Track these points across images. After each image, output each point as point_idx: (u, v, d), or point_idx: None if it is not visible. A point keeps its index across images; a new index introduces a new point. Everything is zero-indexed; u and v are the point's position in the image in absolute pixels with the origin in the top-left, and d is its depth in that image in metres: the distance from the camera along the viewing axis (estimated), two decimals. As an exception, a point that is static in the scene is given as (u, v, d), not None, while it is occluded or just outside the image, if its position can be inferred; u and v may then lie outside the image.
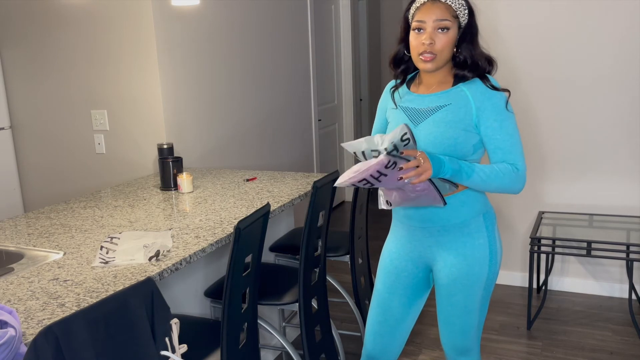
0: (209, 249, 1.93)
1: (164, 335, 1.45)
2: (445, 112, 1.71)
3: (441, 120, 1.71)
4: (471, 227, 1.77)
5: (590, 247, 2.91)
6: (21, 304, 1.52)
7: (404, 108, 1.81)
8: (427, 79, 1.79)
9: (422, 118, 1.74)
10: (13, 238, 2.10)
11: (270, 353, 2.81)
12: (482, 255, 1.78)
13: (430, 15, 1.67)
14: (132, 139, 3.20)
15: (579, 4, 3.16)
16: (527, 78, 3.33)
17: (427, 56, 1.68)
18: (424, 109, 1.75)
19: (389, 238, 1.96)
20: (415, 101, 1.79)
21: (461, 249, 1.77)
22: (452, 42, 1.69)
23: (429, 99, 1.76)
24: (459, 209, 1.75)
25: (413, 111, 1.77)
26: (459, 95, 1.72)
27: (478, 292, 1.80)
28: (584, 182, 3.33)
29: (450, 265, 1.79)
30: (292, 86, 4.46)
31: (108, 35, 3.11)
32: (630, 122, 3.18)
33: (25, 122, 3.49)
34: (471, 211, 1.76)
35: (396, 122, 1.79)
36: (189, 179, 2.68)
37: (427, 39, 1.67)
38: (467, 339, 1.87)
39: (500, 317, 3.20)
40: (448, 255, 1.79)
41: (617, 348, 2.83)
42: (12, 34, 3.37)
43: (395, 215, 1.90)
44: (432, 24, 1.67)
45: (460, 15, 1.69)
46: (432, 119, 1.72)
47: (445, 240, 1.79)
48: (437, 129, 1.70)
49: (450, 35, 1.68)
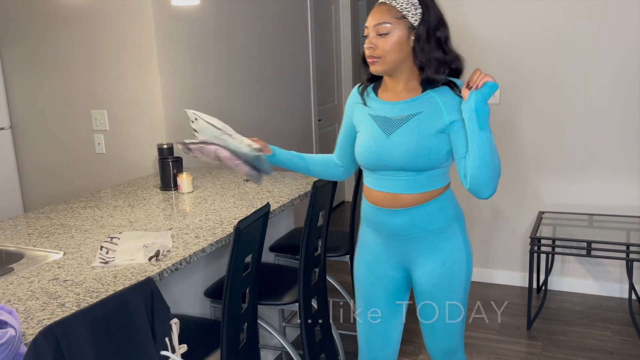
0: (209, 249, 1.93)
1: (164, 335, 1.45)
2: (418, 121, 1.69)
3: (414, 129, 1.68)
4: (448, 232, 1.77)
5: (590, 247, 2.91)
6: (21, 304, 1.52)
7: (374, 116, 1.77)
8: (391, 83, 1.77)
9: (394, 127, 1.72)
10: (13, 238, 2.10)
11: (270, 353, 2.81)
12: (460, 257, 1.79)
13: (372, 21, 1.68)
14: (132, 139, 3.20)
15: (579, 4, 3.16)
16: (527, 78, 3.33)
17: (371, 59, 1.69)
18: (395, 118, 1.72)
19: (360, 248, 1.92)
20: (384, 109, 1.76)
21: (440, 254, 1.77)
22: (397, 44, 1.65)
23: (399, 107, 1.73)
24: (436, 215, 1.75)
25: (384, 120, 1.74)
26: (429, 102, 1.70)
27: (460, 293, 1.82)
28: (584, 182, 3.33)
29: (430, 270, 1.78)
30: (292, 86, 4.46)
31: (108, 35, 3.11)
32: (630, 122, 3.18)
33: (25, 122, 3.49)
34: (447, 216, 1.77)
35: (368, 130, 1.76)
36: (189, 179, 2.68)
37: (367, 43, 1.69)
38: (453, 341, 1.87)
39: (500, 317, 3.20)
40: (427, 260, 1.78)
41: (617, 348, 2.83)
42: (12, 34, 3.37)
43: (368, 224, 1.87)
44: (372, 29, 1.67)
45: (409, 14, 1.64)
46: (405, 129, 1.69)
47: (423, 246, 1.78)
48: (410, 138, 1.68)
49: (392, 38, 1.65)
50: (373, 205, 1.81)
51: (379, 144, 1.72)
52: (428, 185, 1.73)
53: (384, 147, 1.72)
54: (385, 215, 1.78)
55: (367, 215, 1.86)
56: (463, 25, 3.39)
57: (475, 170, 1.64)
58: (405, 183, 1.72)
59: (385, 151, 1.71)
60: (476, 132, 1.60)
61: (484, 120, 1.60)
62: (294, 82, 4.49)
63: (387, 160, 1.72)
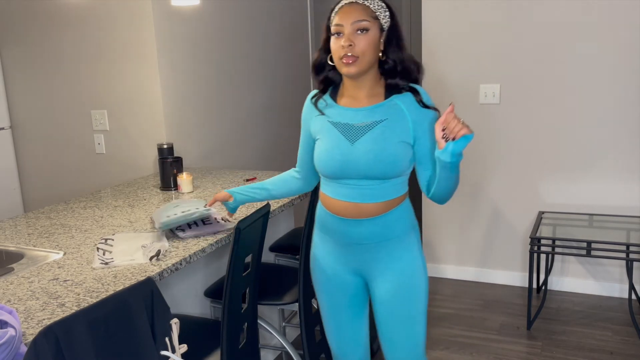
0: (209, 249, 1.93)
1: (164, 335, 1.45)
2: (383, 128, 1.65)
3: (379, 136, 1.64)
4: (406, 241, 1.74)
5: (590, 247, 2.90)
6: (21, 304, 1.52)
7: (334, 123, 1.71)
8: (354, 89, 1.71)
9: (359, 135, 1.66)
10: (13, 238, 2.10)
11: (270, 353, 2.81)
12: (418, 266, 1.76)
13: (348, 18, 1.61)
14: (132, 139, 3.20)
15: (579, 4, 3.16)
16: (527, 78, 3.33)
17: (348, 58, 1.61)
18: (359, 125, 1.67)
19: (316, 255, 1.87)
20: (346, 115, 1.70)
21: (398, 263, 1.74)
22: (373, 43, 1.62)
23: (363, 113, 1.68)
24: (395, 224, 1.72)
25: (346, 127, 1.69)
26: (394, 109, 1.67)
27: (421, 302, 1.77)
28: (584, 182, 3.33)
29: (389, 280, 1.75)
30: (292, 86, 4.46)
31: (108, 35, 3.11)
32: (631, 122, 3.18)
33: (25, 122, 3.49)
34: (405, 225, 1.75)
35: (330, 138, 1.71)
36: (188, 179, 2.68)
37: (346, 41, 1.60)
38: (417, 353, 1.81)
39: (500, 317, 3.20)
40: (386, 269, 1.75)
41: (617, 348, 2.83)
42: (12, 34, 3.37)
43: (325, 232, 1.81)
44: (350, 26, 1.61)
45: (381, 16, 1.63)
46: (370, 136, 1.65)
47: (381, 255, 1.74)
48: (376, 145, 1.64)
49: (370, 36, 1.61)
50: (333, 214, 1.76)
51: (343, 151, 1.67)
52: (391, 193, 1.70)
53: (348, 154, 1.66)
54: (346, 224, 1.73)
55: (325, 223, 1.80)
56: (463, 25, 3.39)
57: (441, 193, 1.68)
58: (368, 192, 1.68)
59: (350, 159, 1.66)
60: (447, 177, 1.61)
61: (456, 169, 1.59)
62: (294, 82, 4.49)
63: (351, 169, 1.67)
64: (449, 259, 3.74)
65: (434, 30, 3.47)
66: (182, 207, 2.05)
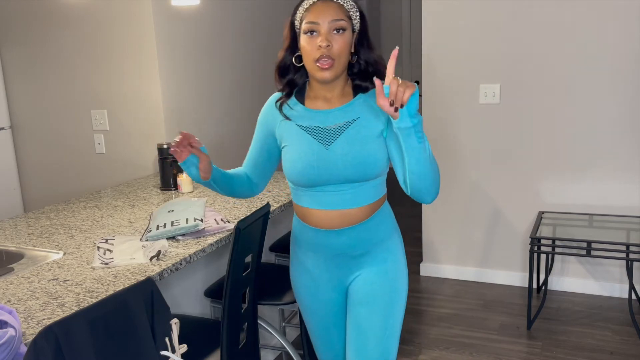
0: (209, 249, 1.93)
1: (164, 335, 1.45)
2: (358, 127, 1.57)
3: (355, 136, 1.56)
4: (388, 242, 1.68)
5: (590, 247, 2.90)
6: (21, 304, 1.52)
7: (305, 127, 1.60)
8: (325, 91, 1.61)
9: (333, 137, 1.57)
10: (13, 238, 2.10)
11: (270, 353, 2.81)
12: (401, 269, 1.70)
13: (325, 16, 1.50)
14: (132, 139, 3.20)
15: (580, 4, 3.16)
16: (527, 78, 3.33)
17: (325, 62, 1.50)
18: (332, 127, 1.58)
19: (297, 271, 1.78)
20: (316, 118, 1.60)
21: (382, 265, 1.66)
22: (349, 45, 1.54)
23: (334, 114, 1.59)
24: (379, 227, 1.66)
25: (318, 130, 1.59)
26: (365, 106, 1.59)
27: (401, 307, 1.69)
28: (584, 182, 3.33)
29: (371, 282, 1.66)
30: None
31: (108, 35, 3.11)
32: (630, 121, 3.18)
33: (25, 122, 3.49)
34: (388, 228, 1.69)
35: (301, 143, 1.59)
36: (188, 179, 2.68)
37: (323, 40, 1.48)
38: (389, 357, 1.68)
39: (500, 317, 3.20)
40: (369, 272, 1.66)
41: (617, 348, 2.83)
42: (13, 34, 3.37)
43: (307, 247, 1.71)
44: (327, 25, 1.50)
45: (353, 17, 1.55)
46: (345, 137, 1.56)
47: (365, 260, 1.67)
48: (353, 146, 1.55)
49: (346, 37, 1.52)
50: (314, 227, 1.66)
51: (319, 156, 1.57)
52: (373, 195, 1.62)
53: (324, 159, 1.56)
54: (330, 236, 1.64)
55: (305, 239, 1.71)
56: (463, 25, 3.39)
57: (416, 181, 1.49)
58: (350, 196, 1.59)
59: (327, 164, 1.56)
60: (415, 147, 1.43)
61: (420, 132, 1.43)
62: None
63: (330, 174, 1.57)
64: (449, 259, 3.74)
65: (434, 30, 3.47)
66: (175, 214, 2.03)
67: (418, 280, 3.73)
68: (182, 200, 2.26)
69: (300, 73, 1.65)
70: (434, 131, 3.52)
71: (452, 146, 3.54)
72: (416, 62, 5.58)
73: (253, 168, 1.76)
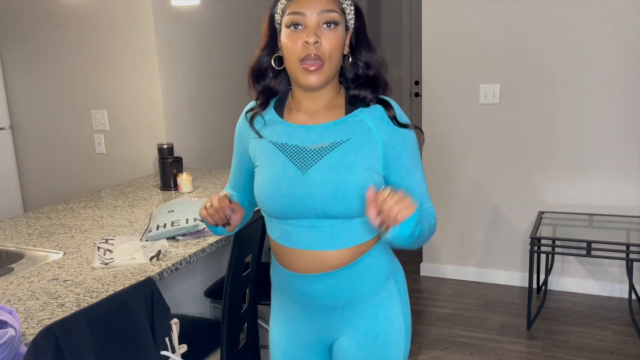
0: (209, 249, 1.93)
1: (164, 335, 1.45)
2: (345, 151, 1.25)
3: (340, 162, 1.24)
4: (382, 294, 1.35)
5: (590, 247, 2.90)
6: (21, 304, 1.52)
7: (280, 145, 1.30)
8: (308, 101, 1.31)
9: (312, 161, 1.26)
10: (13, 238, 2.10)
11: (270, 353, 2.81)
12: (398, 329, 1.37)
13: (313, 6, 1.22)
14: (132, 139, 3.20)
15: (580, 4, 3.16)
16: (527, 78, 3.33)
17: (312, 63, 1.22)
18: (312, 148, 1.26)
19: (274, 318, 1.47)
20: (295, 135, 1.29)
21: (372, 325, 1.34)
22: (341, 43, 1.26)
23: (317, 132, 1.28)
24: (366, 276, 1.32)
25: (296, 151, 1.28)
26: (359, 126, 1.27)
27: None
28: (584, 182, 3.33)
29: (357, 346, 1.34)
30: (292, 86, 4.46)
31: (108, 35, 3.11)
32: (631, 121, 3.18)
33: (25, 122, 3.49)
34: (381, 276, 1.34)
35: (273, 165, 1.29)
36: (188, 179, 2.68)
37: (310, 35, 1.20)
38: None
39: (500, 317, 3.20)
40: (355, 333, 1.34)
41: (617, 348, 2.83)
42: (13, 34, 3.37)
43: (282, 291, 1.41)
44: (315, 16, 1.21)
45: (347, 11, 1.27)
46: (327, 162, 1.25)
47: (351, 315, 1.34)
48: (335, 175, 1.23)
49: (339, 33, 1.24)
50: (285, 268, 1.35)
51: (292, 183, 1.26)
52: (357, 237, 1.29)
53: (299, 187, 1.25)
54: (302, 281, 1.33)
55: (279, 279, 1.40)
56: (463, 25, 3.39)
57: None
58: (328, 236, 1.28)
59: (302, 193, 1.25)
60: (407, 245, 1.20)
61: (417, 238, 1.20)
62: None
63: (303, 206, 1.26)
64: (449, 259, 3.74)
65: (434, 30, 3.47)
66: (175, 214, 2.03)
67: (418, 280, 3.73)
68: (182, 200, 2.26)
69: (280, 78, 1.36)
70: (434, 131, 3.52)
71: (452, 146, 3.54)
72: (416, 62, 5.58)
73: (241, 190, 1.51)
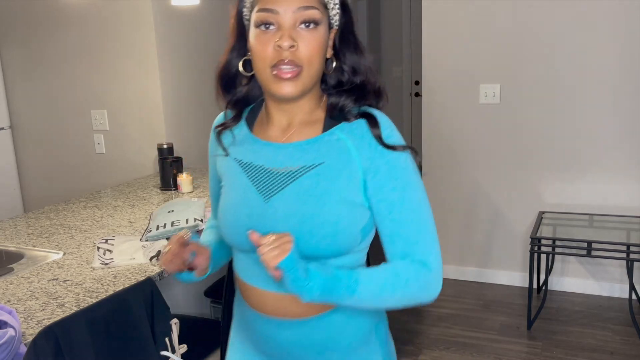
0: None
1: (164, 335, 1.45)
2: (316, 178, 1.04)
3: (309, 191, 1.04)
4: (361, 350, 1.15)
5: (591, 247, 2.90)
6: (21, 304, 1.52)
7: (245, 165, 1.11)
8: (281, 114, 1.10)
9: (277, 187, 1.06)
10: (13, 238, 2.10)
11: (270, 353, 2.81)
12: None
13: (288, 2, 1.00)
14: (132, 139, 3.20)
15: (580, 4, 3.16)
16: (527, 78, 3.33)
17: (286, 70, 1.01)
18: (279, 171, 1.07)
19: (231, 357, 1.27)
20: (262, 154, 1.09)
21: None
22: (323, 47, 1.04)
23: (287, 152, 1.07)
24: (344, 329, 1.12)
25: (260, 172, 1.08)
26: (336, 146, 1.06)
27: None
28: (584, 182, 3.33)
29: None
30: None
31: (108, 35, 3.11)
32: (631, 122, 3.18)
33: (25, 122, 3.49)
34: (360, 329, 1.14)
35: (235, 187, 1.11)
36: (188, 179, 2.68)
37: (285, 38, 1.00)
38: None
39: (500, 317, 3.20)
40: None
41: (617, 348, 2.83)
42: (12, 34, 3.37)
43: (245, 331, 1.21)
44: (290, 15, 1.00)
45: (331, 5, 1.06)
46: (295, 190, 1.05)
47: None
48: (302, 206, 1.04)
49: (320, 34, 1.03)
50: (248, 306, 1.15)
51: (252, 212, 1.07)
52: None
53: (260, 217, 1.06)
54: (268, 325, 1.13)
55: (243, 316, 1.20)
56: (463, 25, 3.39)
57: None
58: None
59: (263, 224, 1.05)
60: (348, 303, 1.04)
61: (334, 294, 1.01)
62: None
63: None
64: (449, 259, 3.74)
65: (434, 30, 3.47)
66: (175, 214, 2.03)
67: (418, 280, 3.73)
68: (182, 200, 2.26)
69: (253, 84, 1.15)
70: (434, 131, 3.52)
71: (452, 146, 3.54)
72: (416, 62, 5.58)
73: None
